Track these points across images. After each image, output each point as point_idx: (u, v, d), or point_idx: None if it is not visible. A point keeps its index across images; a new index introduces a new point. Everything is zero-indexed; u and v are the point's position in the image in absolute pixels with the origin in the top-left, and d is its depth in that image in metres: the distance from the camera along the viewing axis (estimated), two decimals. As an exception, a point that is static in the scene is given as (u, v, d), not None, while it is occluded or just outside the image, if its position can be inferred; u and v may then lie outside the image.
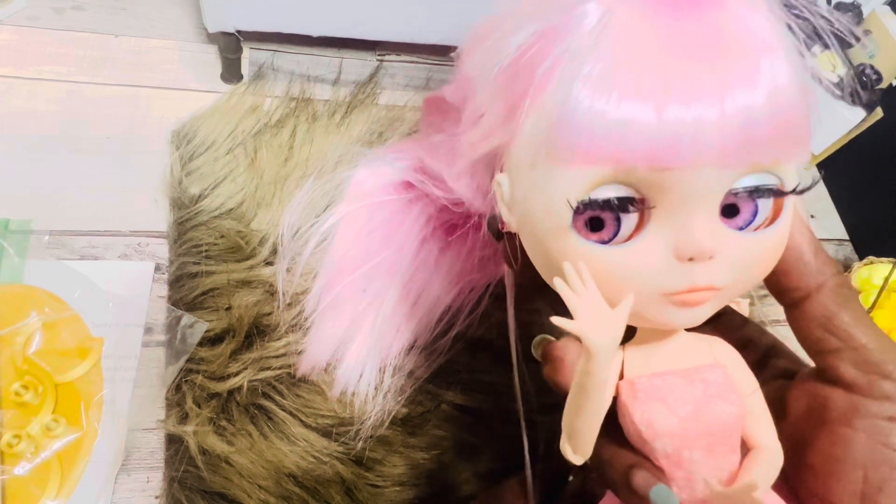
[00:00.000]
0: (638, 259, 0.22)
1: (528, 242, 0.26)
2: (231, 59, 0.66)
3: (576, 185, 0.22)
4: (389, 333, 0.41)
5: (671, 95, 0.20)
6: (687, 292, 0.23)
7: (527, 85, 0.23)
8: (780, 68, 0.20)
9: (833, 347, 0.24)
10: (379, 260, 0.38)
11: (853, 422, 0.23)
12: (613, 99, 0.20)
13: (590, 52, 0.21)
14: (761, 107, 0.20)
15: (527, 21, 0.23)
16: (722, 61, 0.20)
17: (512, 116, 0.24)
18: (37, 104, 0.62)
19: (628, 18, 0.21)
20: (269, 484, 0.46)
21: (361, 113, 0.66)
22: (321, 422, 0.48)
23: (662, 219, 0.22)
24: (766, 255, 0.24)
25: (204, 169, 0.59)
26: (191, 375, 0.49)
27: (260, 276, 0.53)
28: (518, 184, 0.25)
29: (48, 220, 0.55)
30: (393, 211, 0.38)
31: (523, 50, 0.23)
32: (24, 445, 0.44)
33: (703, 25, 0.20)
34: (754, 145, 0.21)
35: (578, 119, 0.21)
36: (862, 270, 0.65)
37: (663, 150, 0.20)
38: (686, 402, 0.24)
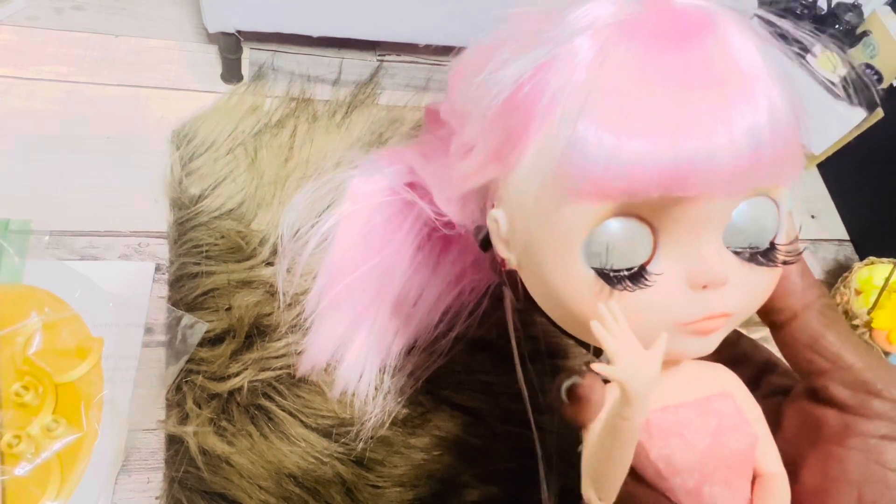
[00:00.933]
0: (653, 290, 0.22)
1: (531, 279, 0.26)
2: (231, 59, 0.66)
3: (585, 219, 0.22)
4: (389, 334, 0.41)
5: (681, 125, 0.20)
6: (703, 320, 0.23)
7: (525, 120, 0.23)
8: (774, 89, 0.21)
9: (822, 368, 0.24)
10: (378, 261, 0.38)
11: (846, 441, 0.23)
12: (626, 134, 0.20)
13: (592, 86, 0.21)
14: (764, 127, 0.20)
15: (519, 54, 0.23)
16: (721, 87, 0.20)
17: (507, 151, 0.24)
18: (37, 104, 0.62)
19: (625, 52, 0.21)
20: (269, 484, 0.46)
21: (361, 113, 0.66)
22: (321, 422, 0.48)
23: (671, 248, 0.22)
24: (771, 278, 0.24)
25: (204, 169, 0.59)
26: (191, 376, 0.48)
27: (260, 276, 0.53)
28: (518, 220, 0.25)
29: (48, 220, 0.55)
30: (392, 212, 0.38)
31: (520, 84, 0.23)
32: (25, 446, 0.44)
33: (696, 55, 0.21)
34: (761, 167, 0.21)
35: (590, 154, 0.21)
36: (862, 271, 0.65)
37: (678, 180, 0.20)
38: (703, 436, 0.23)
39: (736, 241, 0.23)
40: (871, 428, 0.23)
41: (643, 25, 0.21)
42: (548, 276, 0.24)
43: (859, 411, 0.23)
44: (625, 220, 0.22)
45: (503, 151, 0.24)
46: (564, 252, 0.23)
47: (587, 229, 0.22)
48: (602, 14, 0.22)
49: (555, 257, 0.23)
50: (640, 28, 0.21)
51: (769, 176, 0.22)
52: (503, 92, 0.23)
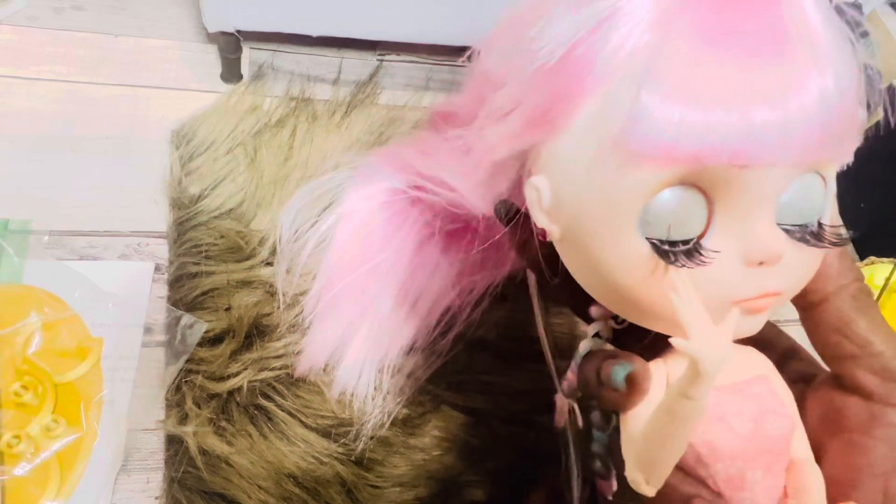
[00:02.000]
0: (709, 265, 0.21)
1: (575, 252, 0.25)
2: (231, 58, 0.66)
3: (644, 188, 0.21)
4: (388, 334, 0.41)
5: (753, 93, 0.19)
6: (757, 298, 0.22)
7: (578, 81, 0.21)
8: (840, 54, 0.20)
9: (850, 354, 0.24)
10: (377, 261, 0.38)
11: (872, 431, 0.23)
12: (695, 102, 0.19)
13: (656, 49, 0.20)
14: (833, 96, 0.20)
15: (575, 9, 0.22)
16: (791, 52, 0.20)
17: (555, 113, 0.23)
18: (36, 104, 0.62)
19: (691, 14, 0.20)
20: (269, 485, 0.46)
21: (361, 113, 0.66)
22: (321, 422, 0.48)
23: (726, 221, 0.21)
24: (817, 258, 0.23)
25: (204, 169, 0.59)
26: (191, 376, 0.48)
27: (260, 276, 0.53)
28: (565, 188, 0.23)
29: (48, 220, 0.55)
30: (392, 213, 0.38)
31: (576, 42, 0.21)
32: (24, 446, 0.44)
33: (766, 17, 0.20)
34: (830, 138, 0.20)
35: (657, 123, 0.20)
36: (863, 271, 0.65)
37: (749, 150, 0.20)
38: (745, 420, 0.23)
39: (787, 218, 0.22)
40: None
41: None
42: (597, 248, 0.23)
43: (886, 400, 0.23)
44: (683, 190, 0.21)
45: (550, 114, 0.23)
46: (618, 222, 0.22)
47: (645, 199, 0.21)
48: None
49: (607, 228, 0.22)
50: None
51: (835, 146, 0.21)
52: (557, 50, 0.22)
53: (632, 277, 0.22)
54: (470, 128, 0.29)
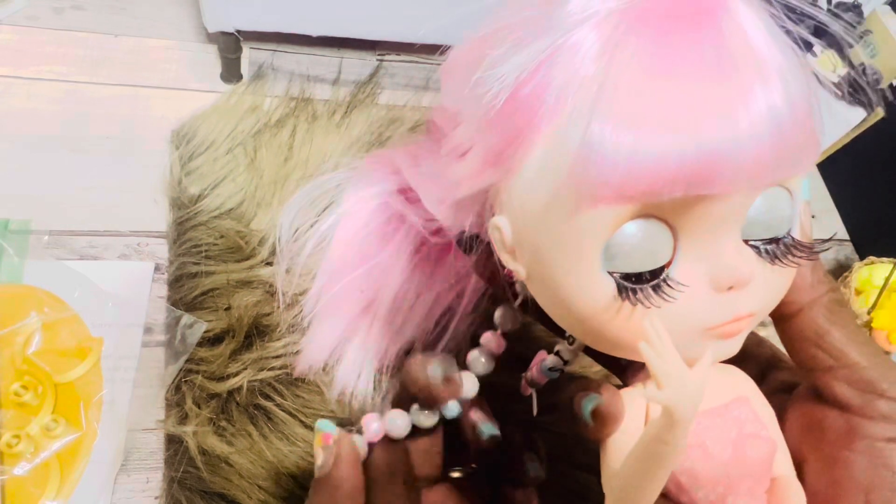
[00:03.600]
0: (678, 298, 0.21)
1: (542, 291, 0.24)
2: (231, 58, 0.66)
3: (603, 224, 0.20)
4: (387, 335, 0.41)
5: (702, 117, 0.19)
6: (730, 323, 0.22)
7: (528, 120, 0.21)
8: (789, 71, 0.20)
9: (826, 366, 0.23)
10: (376, 262, 0.38)
11: (852, 444, 0.22)
12: (645, 130, 0.19)
13: (603, 81, 0.20)
14: (783, 111, 0.19)
15: (517, 48, 0.22)
16: (736, 73, 0.19)
17: (508, 153, 0.22)
18: (36, 104, 0.62)
19: (634, 42, 0.20)
20: (268, 484, 0.46)
21: (361, 113, 0.66)
22: (321, 422, 0.48)
23: (691, 247, 0.21)
24: (789, 273, 0.23)
25: (203, 169, 0.59)
26: (190, 376, 0.48)
27: (259, 276, 0.53)
28: (524, 228, 0.23)
29: (48, 220, 0.55)
30: (391, 213, 0.38)
31: (521, 82, 0.21)
32: (24, 446, 0.44)
33: (711, 40, 0.19)
34: (783, 154, 0.20)
35: (607, 155, 0.19)
36: (863, 270, 0.65)
37: (703, 176, 0.19)
38: (725, 445, 0.22)
39: (753, 234, 0.22)
40: (877, 430, 0.22)
41: (651, 11, 0.20)
42: (562, 287, 0.22)
43: (864, 412, 0.23)
44: (644, 222, 0.21)
45: (504, 154, 0.23)
46: (581, 261, 0.21)
47: (605, 235, 0.21)
48: (604, 2, 0.21)
49: (570, 267, 0.22)
50: (648, 14, 0.20)
51: (790, 164, 0.21)
52: (503, 91, 0.21)
53: (602, 316, 0.22)
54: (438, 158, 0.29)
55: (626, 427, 0.23)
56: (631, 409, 0.24)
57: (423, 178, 0.32)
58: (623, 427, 0.23)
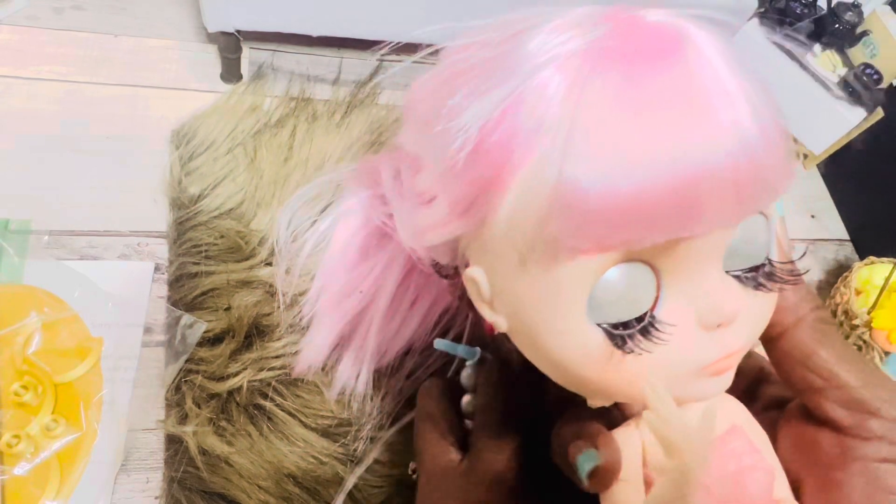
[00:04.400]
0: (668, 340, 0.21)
1: (526, 342, 0.23)
2: (231, 58, 0.66)
3: (584, 274, 0.20)
4: (386, 336, 0.41)
5: (677, 148, 0.18)
6: (723, 359, 0.21)
7: (496, 169, 0.20)
8: (756, 97, 0.20)
9: (816, 386, 0.23)
10: (375, 262, 0.38)
11: (846, 466, 0.22)
12: (621, 168, 0.18)
13: (572, 123, 0.19)
14: (754, 135, 0.19)
15: (477, 94, 0.21)
16: (706, 103, 0.19)
17: (477, 205, 0.21)
18: (36, 104, 0.62)
19: (601, 82, 0.19)
20: (268, 484, 0.46)
21: (361, 113, 0.66)
22: (321, 422, 0.48)
23: (675, 286, 0.21)
24: (772, 299, 0.23)
25: (203, 169, 0.59)
26: (190, 376, 0.48)
27: (259, 276, 0.53)
28: (502, 280, 0.22)
29: (48, 220, 0.55)
30: (381, 217, 0.38)
31: (487, 130, 0.20)
32: (24, 446, 0.44)
33: (678, 75, 0.19)
34: (761, 183, 0.19)
35: (584, 204, 0.18)
36: (863, 270, 0.65)
37: (685, 218, 0.19)
38: (725, 483, 0.22)
39: (734, 265, 0.22)
40: (871, 451, 0.22)
41: (615, 50, 0.19)
42: (547, 340, 0.21)
43: (857, 433, 0.22)
44: (627, 266, 0.20)
45: (472, 205, 0.22)
46: (565, 313, 0.20)
47: (588, 286, 0.20)
48: (564, 42, 0.20)
49: (554, 319, 0.21)
50: (612, 53, 0.19)
51: (767, 189, 0.20)
52: (467, 143, 0.20)
53: (591, 367, 0.21)
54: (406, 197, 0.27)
55: (624, 474, 0.23)
56: (627, 451, 0.23)
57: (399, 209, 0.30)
58: (622, 475, 0.23)
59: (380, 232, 0.37)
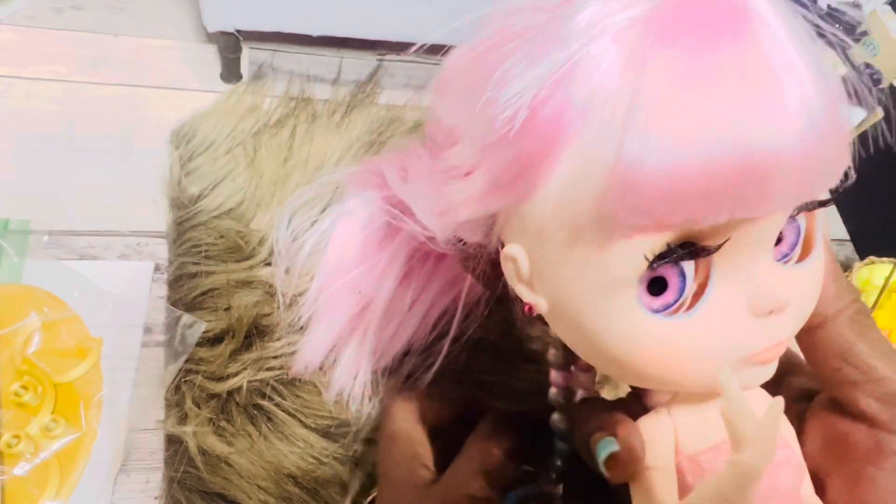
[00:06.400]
0: (717, 324, 0.20)
1: (566, 324, 0.23)
2: (230, 58, 0.66)
3: (638, 254, 0.19)
4: (385, 336, 0.41)
5: (745, 134, 0.18)
6: (773, 347, 0.21)
7: (547, 142, 0.19)
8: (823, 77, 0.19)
9: (852, 379, 0.22)
10: (374, 263, 0.38)
11: (879, 461, 0.22)
12: (688, 143, 0.17)
13: (634, 95, 0.18)
14: (825, 120, 0.18)
15: (528, 62, 0.20)
16: (773, 77, 0.18)
17: (522, 179, 0.20)
18: (36, 104, 0.62)
19: (666, 53, 0.18)
20: (268, 485, 0.46)
21: (361, 113, 0.66)
22: (321, 422, 0.48)
23: (724, 268, 0.20)
24: (818, 285, 0.22)
25: (203, 169, 0.59)
26: (190, 376, 0.48)
27: (259, 276, 0.53)
28: (545, 258, 0.21)
29: (47, 220, 0.55)
30: (387, 213, 0.38)
31: (539, 100, 0.19)
32: (24, 446, 0.44)
33: (739, 52, 0.18)
34: (825, 163, 0.19)
35: (646, 178, 0.18)
36: (863, 271, 0.65)
37: (750, 198, 0.18)
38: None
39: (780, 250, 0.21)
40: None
41: (678, 20, 0.18)
42: (591, 322, 0.21)
43: (892, 428, 0.22)
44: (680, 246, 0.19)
45: (516, 179, 0.21)
46: (615, 296, 0.20)
47: (641, 267, 0.19)
48: (622, 9, 0.19)
49: (600, 301, 0.20)
50: (675, 24, 0.18)
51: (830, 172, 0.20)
52: (519, 113, 0.19)
53: (640, 355, 0.21)
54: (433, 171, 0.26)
55: (656, 461, 0.22)
56: (658, 439, 0.22)
57: (415, 192, 0.29)
58: (653, 461, 0.22)
59: (380, 233, 0.37)
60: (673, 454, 0.22)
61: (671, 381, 0.22)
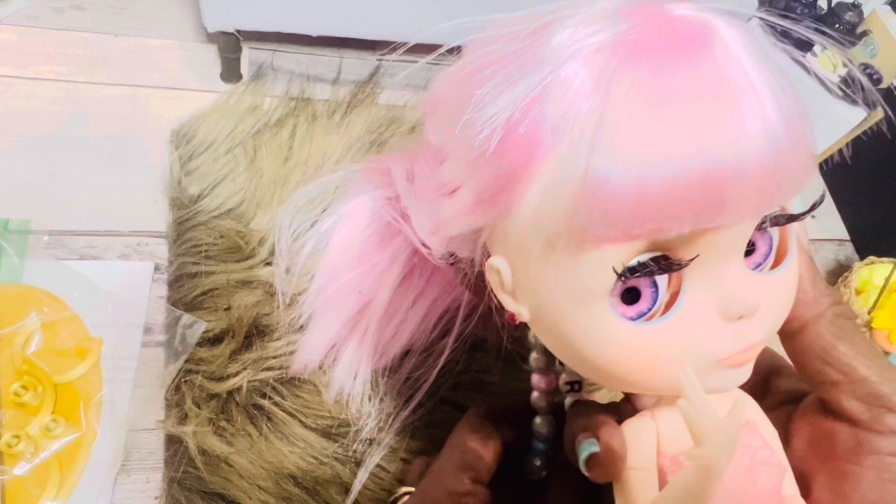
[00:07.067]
0: (689, 329, 0.21)
1: (548, 332, 0.24)
2: (230, 58, 0.66)
3: (609, 264, 0.20)
4: (384, 337, 0.41)
5: (706, 150, 0.19)
6: (744, 351, 0.22)
7: (523, 159, 0.21)
8: (780, 90, 0.20)
9: (834, 380, 0.23)
10: (374, 263, 0.38)
11: (860, 458, 0.22)
12: (650, 159, 0.19)
13: (601, 114, 0.19)
14: (779, 128, 0.19)
15: (504, 86, 0.21)
16: (733, 95, 0.19)
17: (502, 194, 0.22)
18: (36, 104, 0.62)
19: (631, 74, 0.19)
20: (268, 485, 0.46)
21: (361, 113, 0.66)
22: (321, 422, 0.48)
23: (696, 276, 0.21)
24: (792, 291, 0.23)
25: (203, 169, 0.59)
26: (190, 376, 0.48)
27: (259, 276, 0.53)
28: (525, 269, 0.22)
29: (48, 220, 0.55)
30: (391, 217, 0.38)
31: (514, 121, 0.21)
32: (24, 446, 0.44)
33: (700, 72, 0.19)
34: (785, 177, 0.20)
35: (613, 192, 0.19)
36: (863, 270, 0.65)
37: (711, 210, 0.19)
38: (738, 476, 0.22)
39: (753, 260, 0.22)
40: (886, 445, 0.22)
41: (642, 44, 0.19)
42: (570, 329, 0.22)
43: (873, 426, 0.22)
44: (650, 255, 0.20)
45: (497, 195, 0.22)
46: (590, 303, 0.21)
47: (613, 275, 0.20)
48: (591, 35, 0.20)
49: (578, 309, 0.21)
50: (639, 47, 0.19)
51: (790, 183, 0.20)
52: (495, 132, 0.21)
53: (617, 361, 0.22)
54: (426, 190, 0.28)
55: (638, 462, 0.23)
56: (641, 441, 0.23)
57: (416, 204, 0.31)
58: (635, 462, 0.23)
59: (381, 233, 0.37)
60: (655, 456, 0.23)
61: (648, 385, 0.22)
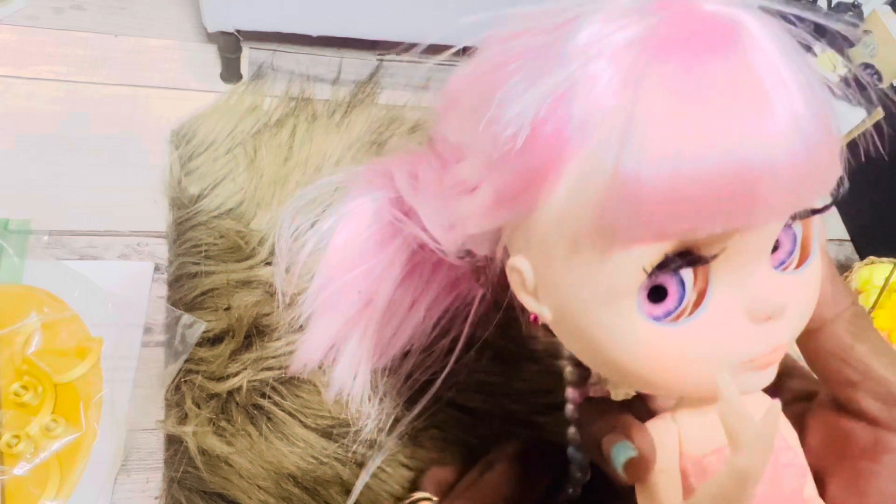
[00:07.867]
0: (716, 330, 0.21)
1: (571, 333, 0.23)
2: (230, 58, 0.66)
3: (637, 264, 0.20)
4: (384, 337, 0.41)
5: (737, 148, 0.18)
6: (770, 353, 0.21)
7: (549, 158, 0.20)
8: (812, 91, 0.20)
9: (852, 380, 0.23)
10: (374, 263, 0.38)
11: (878, 457, 0.22)
12: (679, 167, 0.18)
13: (631, 112, 0.19)
14: (814, 131, 0.19)
15: (528, 83, 0.20)
16: (762, 95, 0.19)
17: (525, 193, 0.21)
18: (36, 104, 0.62)
19: (661, 71, 0.19)
20: (268, 485, 0.46)
21: (361, 113, 0.66)
22: (321, 423, 0.48)
23: (722, 276, 0.21)
24: (816, 290, 0.23)
25: (203, 169, 0.59)
26: (190, 376, 0.48)
27: (259, 276, 0.53)
28: (549, 269, 0.22)
29: (48, 219, 0.55)
30: (391, 217, 0.38)
31: (540, 119, 0.20)
32: (24, 446, 0.44)
33: (730, 68, 0.19)
34: (816, 173, 0.19)
35: (644, 191, 0.18)
36: (863, 271, 0.65)
37: (742, 209, 0.19)
38: (763, 480, 0.21)
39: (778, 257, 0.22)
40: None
41: (671, 40, 0.19)
42: (595, 331, 0.22)
43: (891, 425, 0.22)
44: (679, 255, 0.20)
45: (520, 194, 0.22)
46: (616, 305, 0.21)
47: (641, 276, 0.20)
48: (618, 31, 0.20)
49: (603, 310, 0.21)
50: (668, 43, 0.19)
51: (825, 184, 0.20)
52: (521, 132, 0.20)
53: (643, 362, 0.21)
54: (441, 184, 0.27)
55: (661, 464, 0.23)
56: (664, 443, 0.23)
57: (425, 204, 0.30)
58: (658, 465, 0.23)
59: (382, 234, 0.37)
60: (678, 457, 0.23)
61: (673, 387, 0.22)
